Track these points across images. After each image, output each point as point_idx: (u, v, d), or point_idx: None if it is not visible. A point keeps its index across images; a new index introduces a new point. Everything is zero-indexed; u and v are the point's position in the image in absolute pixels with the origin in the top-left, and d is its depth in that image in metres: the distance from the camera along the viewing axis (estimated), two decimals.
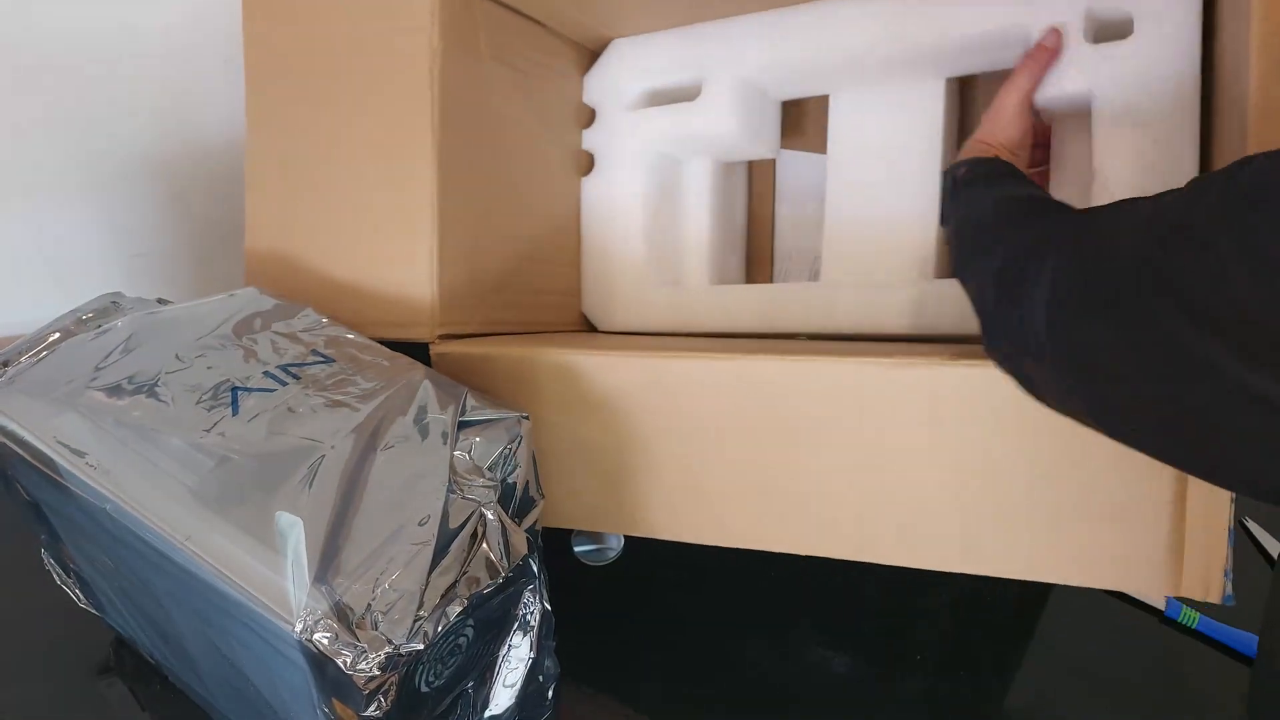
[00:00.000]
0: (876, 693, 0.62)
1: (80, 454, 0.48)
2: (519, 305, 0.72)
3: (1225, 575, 0.49)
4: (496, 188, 0.69)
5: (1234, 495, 0.48)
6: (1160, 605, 0.67)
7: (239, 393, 0.51)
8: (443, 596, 0.43)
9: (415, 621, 0.41)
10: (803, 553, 0.57)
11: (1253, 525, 0.71)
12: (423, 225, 0.62)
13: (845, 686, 0.63)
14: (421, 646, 0.42)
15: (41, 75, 0.85)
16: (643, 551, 0.72)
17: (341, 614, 0.40)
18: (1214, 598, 0.49)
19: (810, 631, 0.66)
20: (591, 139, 0.81)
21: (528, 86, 0.72)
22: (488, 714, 0.51)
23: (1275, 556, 0.71)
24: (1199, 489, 0.48)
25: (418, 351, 0.60)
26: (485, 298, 0.67)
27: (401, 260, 0.63)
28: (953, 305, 0.65)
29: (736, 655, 0.65)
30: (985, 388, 0.49)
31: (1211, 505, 0.48)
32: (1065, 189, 0.66)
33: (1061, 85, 0.61)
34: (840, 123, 0.76)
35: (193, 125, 0.94)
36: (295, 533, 0.42)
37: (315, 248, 0.67)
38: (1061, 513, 0.51)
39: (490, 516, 0.47)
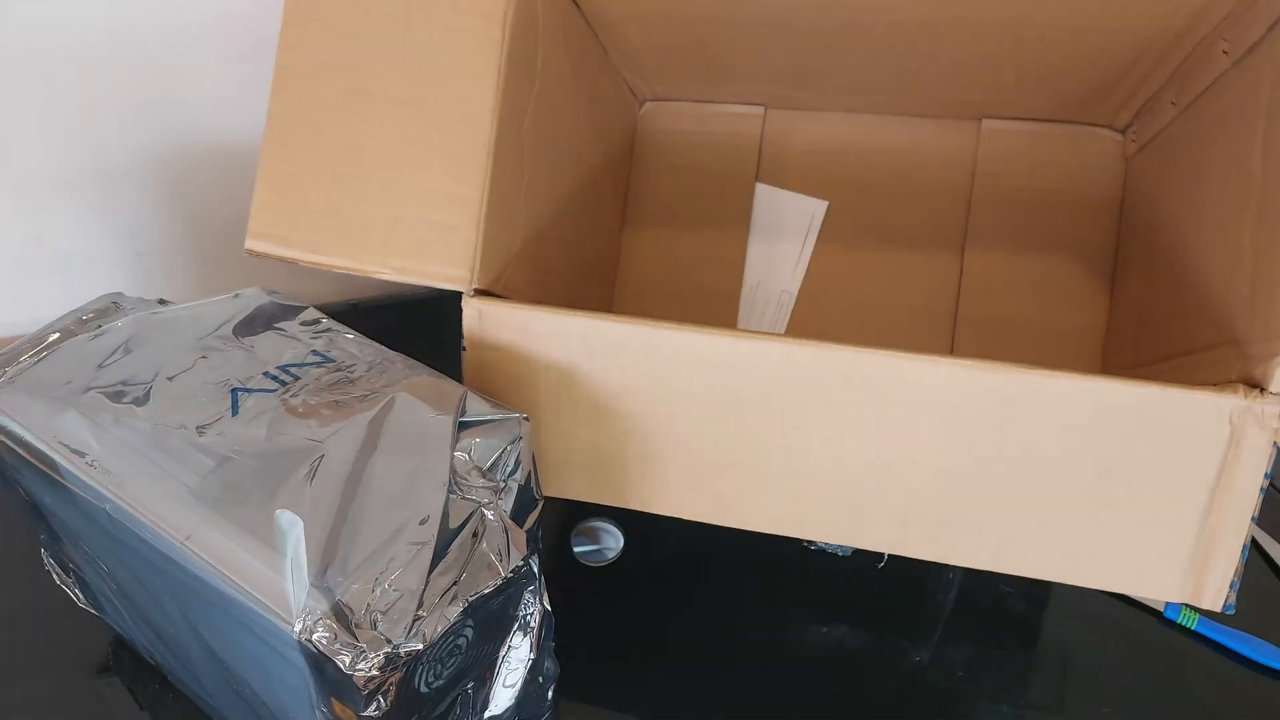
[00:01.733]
0: (879, 683, 0.62)
1: (80, 454, 0.48)
2: (538, 284, 0.71)
3: (1231, 586, 0.50)
4: (533, 152, 0.67)
5: (1257, 506, 0.49)
6: (1159, 606, 0.67)
7: (239, 393, 0.51)
8: (442, 596, 0.43)
9: (415, 621, 0.41)
10: (837, 542, 0.57)
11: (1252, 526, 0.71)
12: (476, 164, 0.58)
13: (848, 676, 0.63)
14: (421, 646, 0.42)
15: (41, 74, 0.85)
16: (642, 551, 0.73)
17: (340, 614, 0.40)
18: (1217, 606, 0.50)
19: (814, 623, 0.66)
20: None
21: (565, 64, 0.71)
22: (487, 714, 0.51)
23: (1275, 557, 0.71)
24: (1226, 498, 0.49)
25: (424, 317, 0.58)
26: (515, 262, 0.65)
27: (447, 199, 0.58)
28: None
29: (739, 651, 0.65)
30: (1025, 392, 0.50)
31: (1235, 517, 0.49)
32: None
33: None
34: None
35: (194, 124, 0.94)
36: (295, 532, 0.43)
37: (344, 173, 0.60)
38: (1099, 517, 0.51)
39: (490, 517, 0.47)
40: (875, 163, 0.85)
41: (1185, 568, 0.51)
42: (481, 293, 0.60)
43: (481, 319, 0.59)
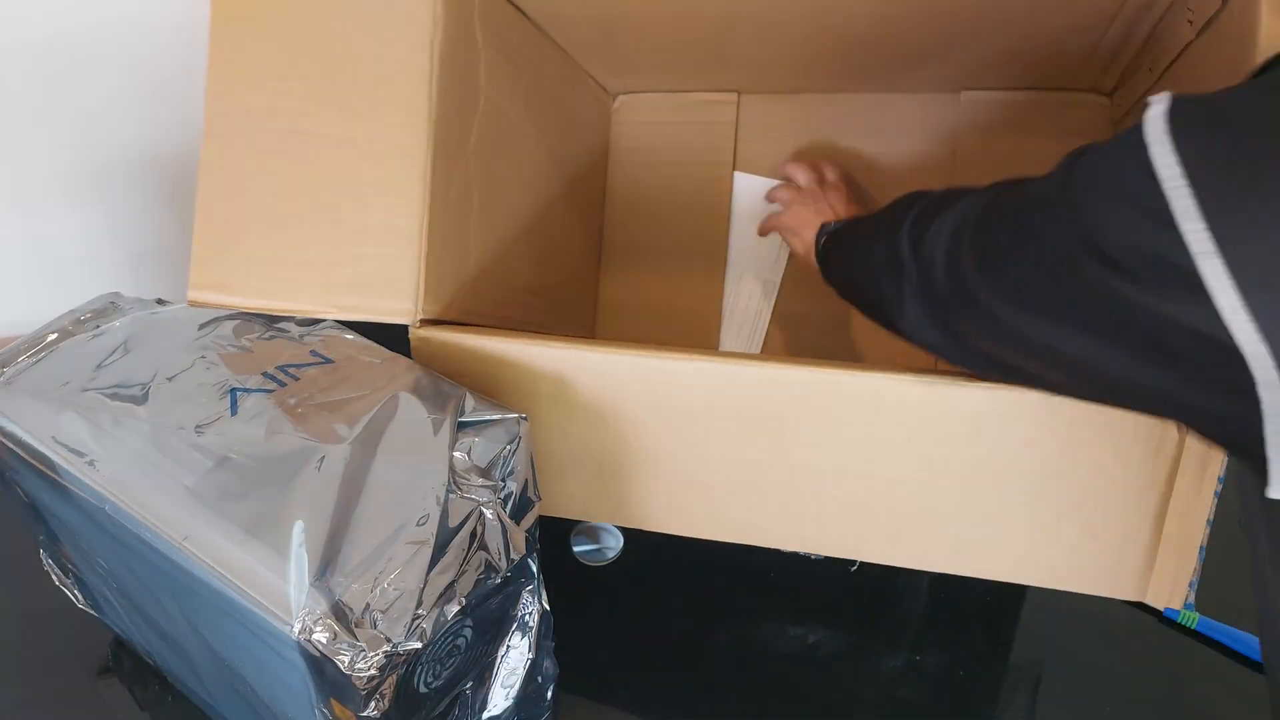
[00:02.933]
0: (878, 679, 0.62)
1: (79, 454, 0.48)
2: (504, 302, 0.71)
3: (1190, 586, 0.51)
4: (484, 171, 0.66)
5: (1211, 510, 0.50)
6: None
7: (238, 393, 0.51)
8: (441, 595, 0.43)
9: (414, 620, 0.41)
10: (796, 549, 0.58)
11: None
12: (412, 195, 0.57)
13: (842, 670, 0.63)
14: (420, 645, 0.42)
15: (40, 75, 0.85)
16: (641, 552, 0.72)
17: (340, 613, 0.40)
18: (1176, 604, 0.51)
19: (810, 620, 0.66)
20: None
21: (514, 75, 0.71)
22: (486, 715, 0.51)
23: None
24: (1180, 503, 0.50)
25: (396, 335, 0.58)
26: (471, 286, 0.65)
27: (385, 233, 0.58)
28: None
29: (735, 649, 0.65)
30: (981, 403, 0.50)
31: (1190, 520, 0.50)
32: None
33: None
34: None
35: (193, 125, 0.93)
36: (295, 532, 0.42)
37: (282, 213, 0.60)
38: (1050, 522, 0.52)
39: (489, 516, 0.47)
40: (854, 141, 0.85)
41: (1141, 569, 0.52)
42: (430, 322, 0.59)
43: (428, 348, 0.58)
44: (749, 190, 0.88)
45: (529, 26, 0.73)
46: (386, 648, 0.40)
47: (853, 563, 0.68)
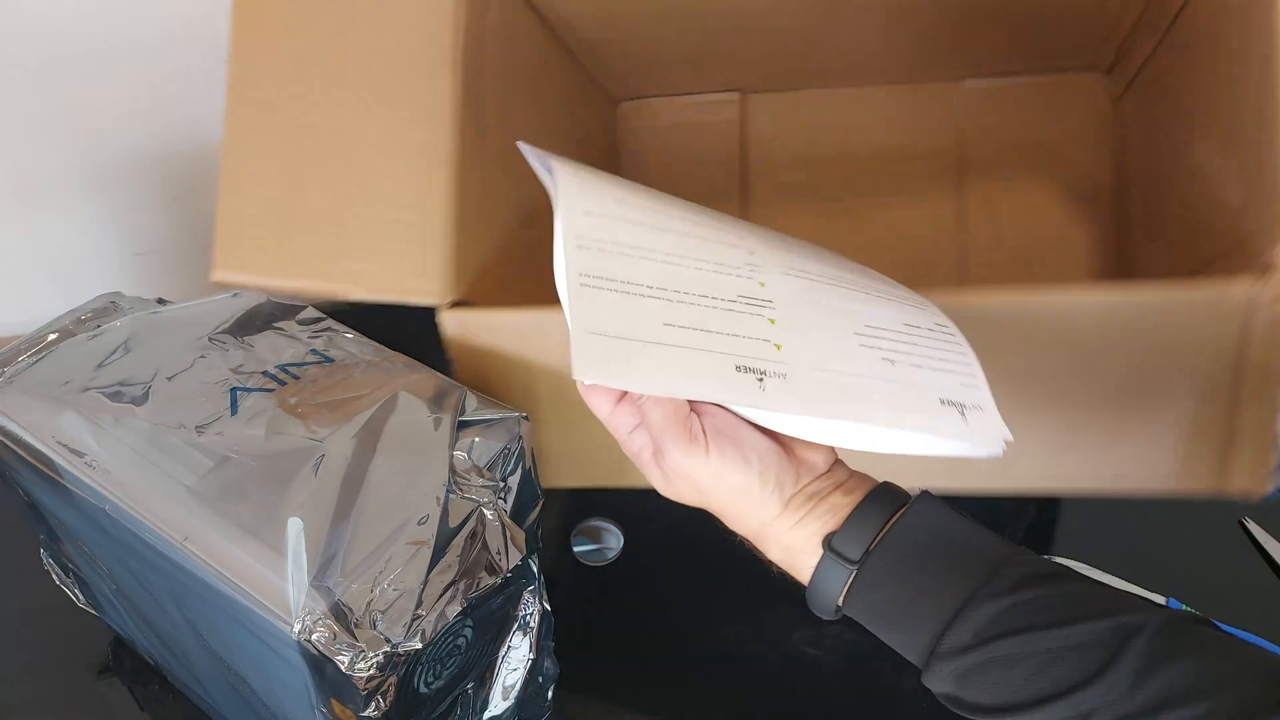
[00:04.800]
0: (882, 673, 0.62)
1: (79, 454, 0.48)
2: (521, 282, 0.71)
3: (1277, 469, 0.49)
4: (499, 170, 0.66)
5: None
6: (1161, 601, 0.67)
7: (238, 393, 0.51)
8: (441, 595, 0.43)
9: (414, 620, 0.41)
10: None
11: (1252, 526, 0.71)
12: (439, 173, 0.57)
13: (846, 667, 0.63)
14: (420, 645, 0.42)
15: (41, 75, 0.85)
16: (641, 552, 0.72)
17: (340, 613, 0.40)
18: (1263, 490, 0.50)
19: (813, 616, 0.66)
20: None
21: (528, 75, 0.71)
22: (487, 715, 0.51)
23: (1275, 557, 0.71)
24: (1250, 385, 0.48)
25: (396, 332, 0.58)
26: (502, 266, 0.65)
27: (412, 212, 0.58)
28: None
29: (737, 649, 0.65)
30: (1040, 312, 0.50)
31: (1264, 400, 0.49)
32: None
33: None
34: None
35: (193, 124, 0.94)
36: (295, 532, 0.42)
37: (307, 193, 0.59)
38: (1120, 428, 0.51)
39: (490, 516, 0.47)
40: (858, 134, 0.85)
41: (1218, 459, 0.50)
42: (457, 304, 0.59)
43: (463, 329, 0.58)
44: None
45: (542, 26, 0.73)
46: (386, 648, 0.40)
47: None
